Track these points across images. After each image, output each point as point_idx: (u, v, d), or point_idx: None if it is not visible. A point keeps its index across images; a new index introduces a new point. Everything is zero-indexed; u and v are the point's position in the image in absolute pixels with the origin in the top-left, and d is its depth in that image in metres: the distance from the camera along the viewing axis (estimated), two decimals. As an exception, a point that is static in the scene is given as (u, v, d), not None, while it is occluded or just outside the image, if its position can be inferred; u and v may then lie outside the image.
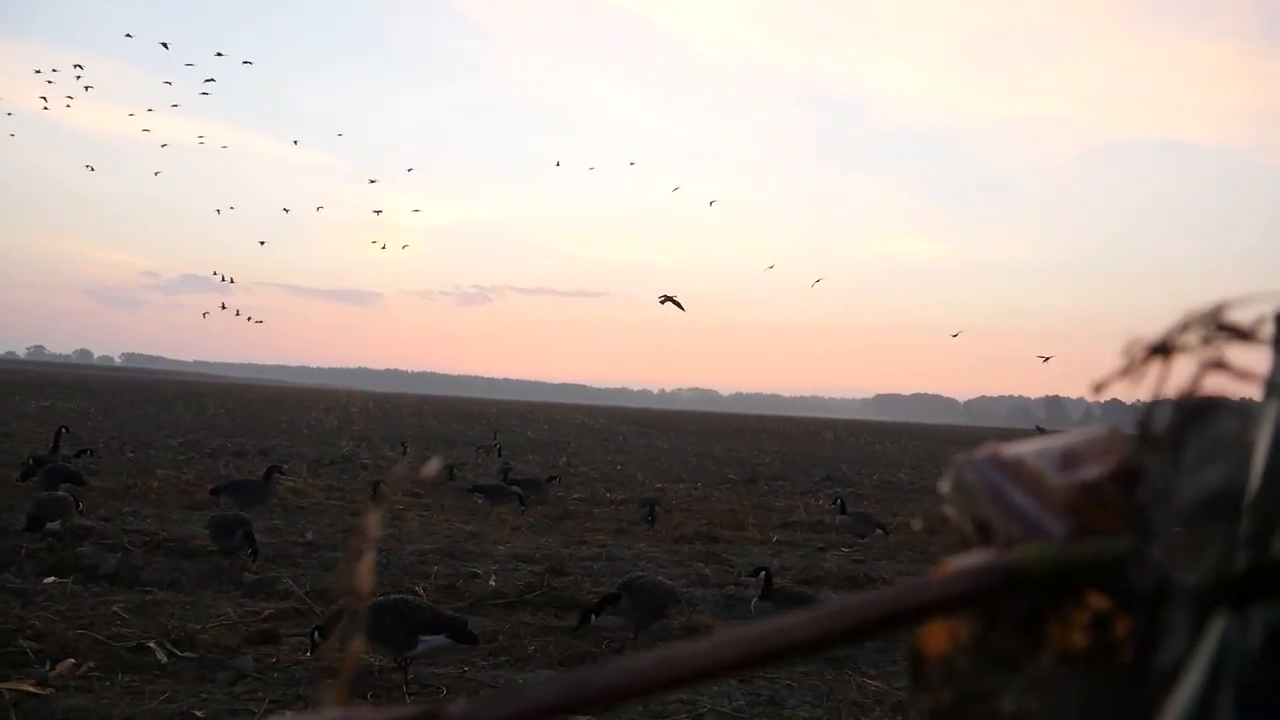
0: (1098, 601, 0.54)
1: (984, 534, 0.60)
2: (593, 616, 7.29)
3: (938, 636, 0.59)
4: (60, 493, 9.63)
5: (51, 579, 7.93)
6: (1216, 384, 0.54)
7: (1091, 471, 0.56)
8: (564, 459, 25.56)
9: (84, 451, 16.14)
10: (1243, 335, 0.53)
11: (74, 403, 37.36)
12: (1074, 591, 0.54)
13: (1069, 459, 0.58)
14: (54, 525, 9.06)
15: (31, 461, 13.12)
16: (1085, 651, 0.54)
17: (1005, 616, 0.56)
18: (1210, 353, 0.53)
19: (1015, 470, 0.60)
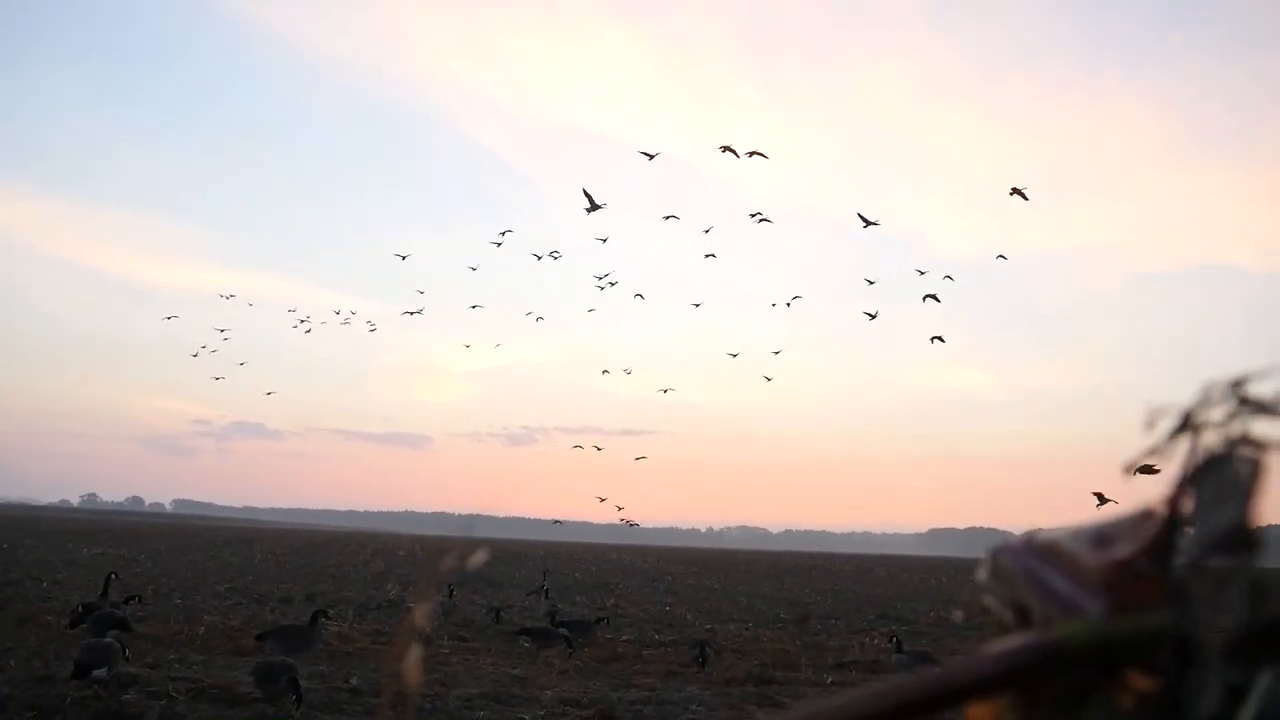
0: (1138, 681, 0.54)
1: (1022, 618, 0.60)
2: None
3: (980, 717, 0.58)
4: (108, 639, 9.64)
5: (96, 728, 7.88)
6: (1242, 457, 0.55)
7: (1125, 549, 0.57)
8: (612, 600, 25.17)
9: (132, 598, 16.16)
10: (1264, 409, 0.54)
11: (124, 549, 37.66)
12: (1114, 669, 0.54)
13: (1102, 539, 0.58)
14: (100, 672, 9.05)
15: (80, 609, 13.17)
16: None
17: (1046, 695, 0.55)
18: (1234, 427, 0.55)
19: (1050, 553, 0.60)
